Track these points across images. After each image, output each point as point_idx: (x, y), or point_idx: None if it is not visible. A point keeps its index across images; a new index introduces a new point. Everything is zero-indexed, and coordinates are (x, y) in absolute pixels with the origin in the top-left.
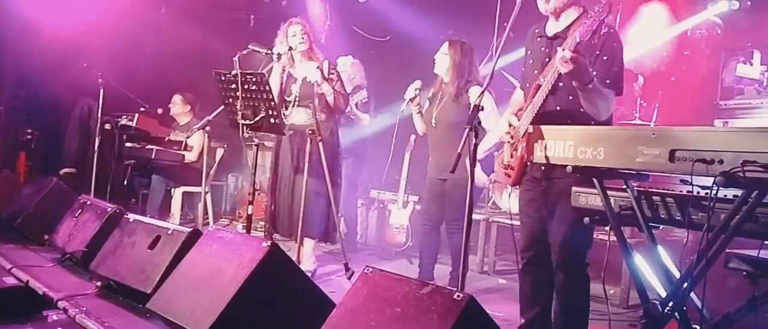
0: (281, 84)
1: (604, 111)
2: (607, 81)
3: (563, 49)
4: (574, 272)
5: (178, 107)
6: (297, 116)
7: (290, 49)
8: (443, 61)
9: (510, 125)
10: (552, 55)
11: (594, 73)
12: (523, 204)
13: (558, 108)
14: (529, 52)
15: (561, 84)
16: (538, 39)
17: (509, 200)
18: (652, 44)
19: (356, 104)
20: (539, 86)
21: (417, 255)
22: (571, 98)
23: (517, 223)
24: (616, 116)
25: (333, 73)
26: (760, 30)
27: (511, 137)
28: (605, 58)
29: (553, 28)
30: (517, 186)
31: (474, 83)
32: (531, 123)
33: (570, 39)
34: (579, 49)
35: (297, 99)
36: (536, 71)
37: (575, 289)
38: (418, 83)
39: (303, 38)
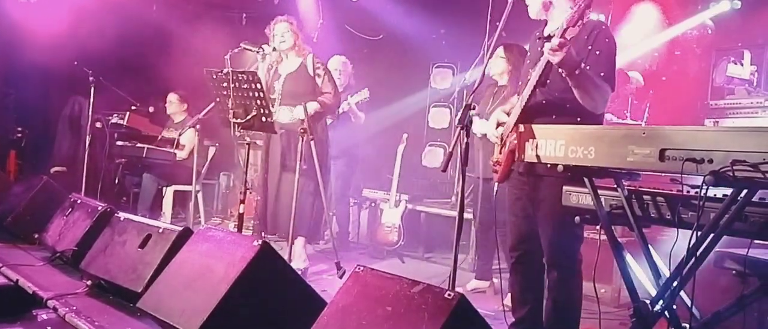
0: (266, 82)
1: (600, 101)
2: (601, 74)
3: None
4: (566, 269)
5: (175, 105)
6: (282, 114)
7: (274, 49)
8: (498, 65)
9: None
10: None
11: (587, 67)
12: (510, 203)
13: (544, 101)
14: (528, 53)
15: (549, 80)
16: (537, 41)
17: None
18: (647, 46)
19: (357, 103)
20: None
21: (409, 254)
22: (557, 94)
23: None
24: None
25: (319, 68)
26: (750, 30)
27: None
28: (598, 52)
29: (548, 30)
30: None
31: None
32: (520, 121)
33: (558, 29)
34: (565, 37)
35: (281, 97)
36: (531, 70)
37: (568, 287)
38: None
39: (285, 37)
